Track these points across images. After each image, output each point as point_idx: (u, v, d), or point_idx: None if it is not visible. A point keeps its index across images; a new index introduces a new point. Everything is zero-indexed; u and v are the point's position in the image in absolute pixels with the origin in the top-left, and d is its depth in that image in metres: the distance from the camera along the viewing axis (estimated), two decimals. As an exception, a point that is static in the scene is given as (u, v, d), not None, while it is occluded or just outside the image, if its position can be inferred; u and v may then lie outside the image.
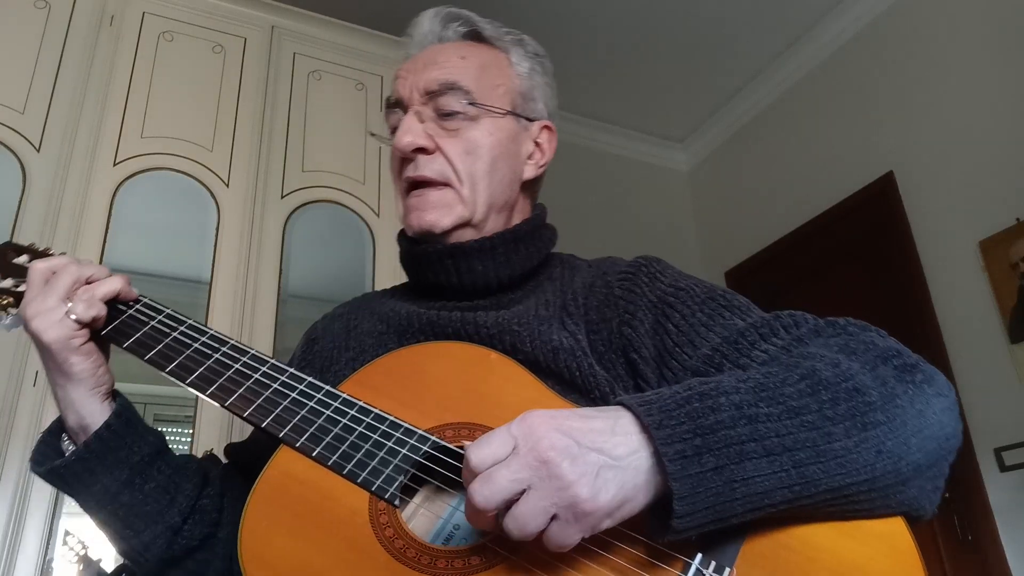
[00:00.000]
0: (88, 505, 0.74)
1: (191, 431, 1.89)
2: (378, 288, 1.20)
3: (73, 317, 0.71)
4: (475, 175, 0.82)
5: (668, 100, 3.52)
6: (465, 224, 0.82)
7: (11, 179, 1.89)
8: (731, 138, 3.60)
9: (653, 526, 0.55)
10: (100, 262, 1.88)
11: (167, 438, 0.78)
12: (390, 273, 2.18)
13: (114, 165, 2.00)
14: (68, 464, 0.72)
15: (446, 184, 0.82)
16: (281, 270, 2.11)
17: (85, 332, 0.72)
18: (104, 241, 1.91)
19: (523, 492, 0.52)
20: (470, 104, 0.82)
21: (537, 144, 0.89)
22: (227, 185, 2.12)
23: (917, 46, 2.72)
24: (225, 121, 2.18)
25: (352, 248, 2.31)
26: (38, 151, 1.93)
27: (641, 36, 3.12)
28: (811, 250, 3.02)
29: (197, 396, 0.75)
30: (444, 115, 0.82)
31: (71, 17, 2.10)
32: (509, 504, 0.52)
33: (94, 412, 0.72)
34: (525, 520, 0.51)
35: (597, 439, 0.53)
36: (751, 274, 3.29)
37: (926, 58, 2.67)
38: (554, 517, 0.52)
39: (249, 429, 0.82)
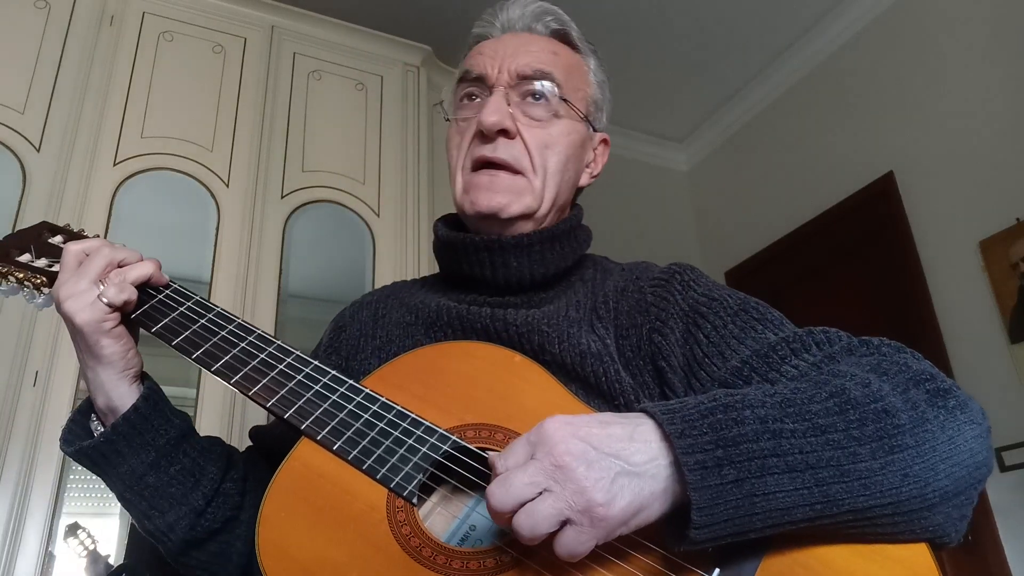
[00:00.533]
0: (115, 485, 0.74)
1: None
2: (377, 287, 1.20)
3: (105, 300, 0.71)
4: (548, 170, 0.82)
5: (668, 100, 3.52)
6: (529, 216, 0.82)
7: (11, 179, 1.89)
8: (731, 138, 3.60)
9: (669, 535, 0.55)
10: (100, 262, 1.89)
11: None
12: (390, 273, 2.18)
13: (114, 165, 2.00)
14: (96, 445, 0.73)
15: (519, 172, 0.81)
16: (281, 270, 2.11)
17: (116, 315, 0.72)
18: (104, 241, 1.92)
19: (539, 494, 0.52)
20: (561, 99, 0.82)
21: (595, 154, 0.91)
22: (227, 185, 2.12)
23: (917, 46, 2.72)
24: (225, 121, 2.19)
25: (352, 248, 2.31)
26: (38, 151, 1.93)
27: (641, 36, 3.12)
28: (811, 250, 3.02)
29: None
30: (533, 103, 0.82)
31: (71, 17, 2.10)
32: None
33: (123, 394, 0.73)
34: (537, 520, 0.51)
35: (615, 445, 0.53)
36: (751, 274, 3.29)
37: (926, 58, 2.67)
38: (568, 522, 0.52)
39: (251, 420, 0.82)
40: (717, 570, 0.55)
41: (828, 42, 3.07)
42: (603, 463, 0.52)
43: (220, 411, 1.86)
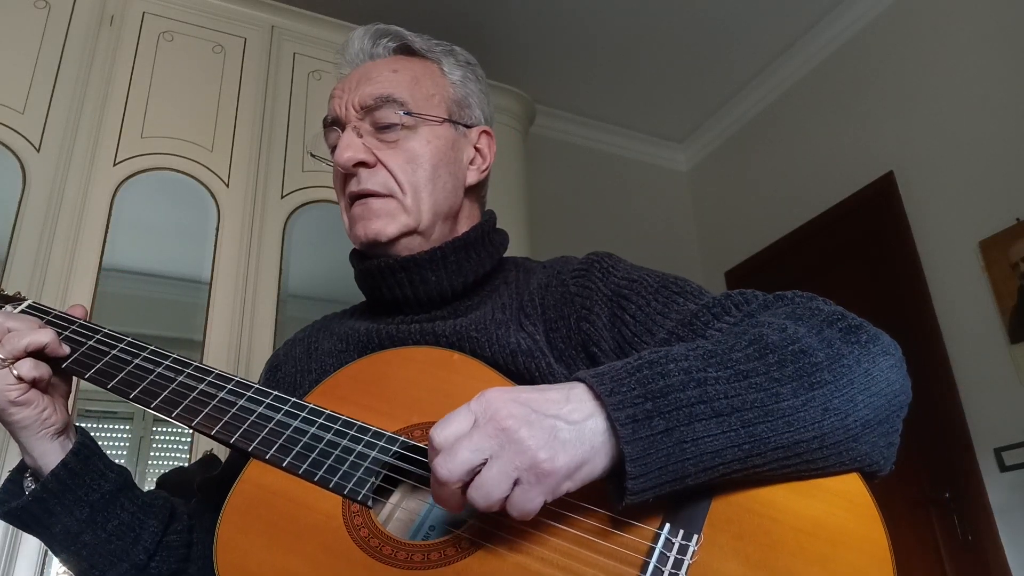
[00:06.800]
0: (51, 546, 0.73)
1: (190, 431, 1.89)
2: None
3: (16, 373, 0.69)
4: (417, 184, 0.83)
5: (668, 100, 3.52)
6: (411, 232, 0.83)
7: (11, 179, 1.89)
8: (731, 138, 3.60)
9: (611, 493, 0.57)
10: (100, 262, 1.89)
11: (165, 440, 0.78)
12: (390, 273, 2.18)
13: (114, 165, 2.00)
14: (25, 505, 0.71)
15: (389, 195, 0.83)
16: (281, 270, 2.11)
17: (22, 385, 0.70)
18: (104, 241, 1.92)
19: (485, 462, 0.53)
20: (406, 114, 0.83)
21: (477, 149, 0.91)
22: (227, 185, 2.12)
23: (917, 46, 2.72)
24: (225, 121, 2.19)
25: (352, 248, 2.31)
26: (38, 151, 1.93)
27: (641, 36, 3.12)
28: (811, 250, 3.02)
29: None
30: (382, 128, 0.83)
31: (71, 17, 2.10)
32: (473, 476, 0.54)
33: (46, 453, 0.72)
34: (489, 488, 0.53)
35: (552, 407, 0.55)
36: (751, 274, 3.29)
37: (926, 58, 2.68)
38: (516, 483, 0.53)
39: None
40: (668, 525, 0.57)
41: (828, 42, 3.07)
42: (543, 423, 0.54)
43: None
